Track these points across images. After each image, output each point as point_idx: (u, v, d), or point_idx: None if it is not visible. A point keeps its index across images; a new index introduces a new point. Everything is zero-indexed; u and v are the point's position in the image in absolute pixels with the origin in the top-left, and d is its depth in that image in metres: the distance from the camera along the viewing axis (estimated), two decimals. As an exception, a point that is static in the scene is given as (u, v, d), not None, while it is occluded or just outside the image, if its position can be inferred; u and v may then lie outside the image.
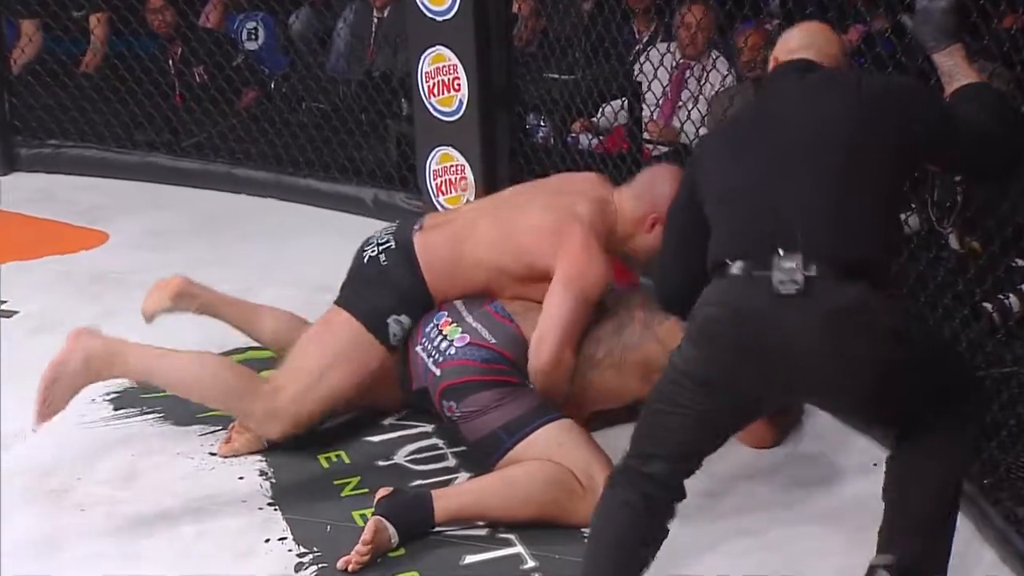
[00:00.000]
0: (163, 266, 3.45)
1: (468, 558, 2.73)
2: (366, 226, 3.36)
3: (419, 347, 3.04)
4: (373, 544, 2.69)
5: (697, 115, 3.84)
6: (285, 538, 2.82)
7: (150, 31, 5.77)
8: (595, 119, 4.57)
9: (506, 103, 4.31)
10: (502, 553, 2.75)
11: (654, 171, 3.21)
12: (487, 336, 2.98)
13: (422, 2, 4.28)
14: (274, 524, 2.87)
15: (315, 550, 2.77)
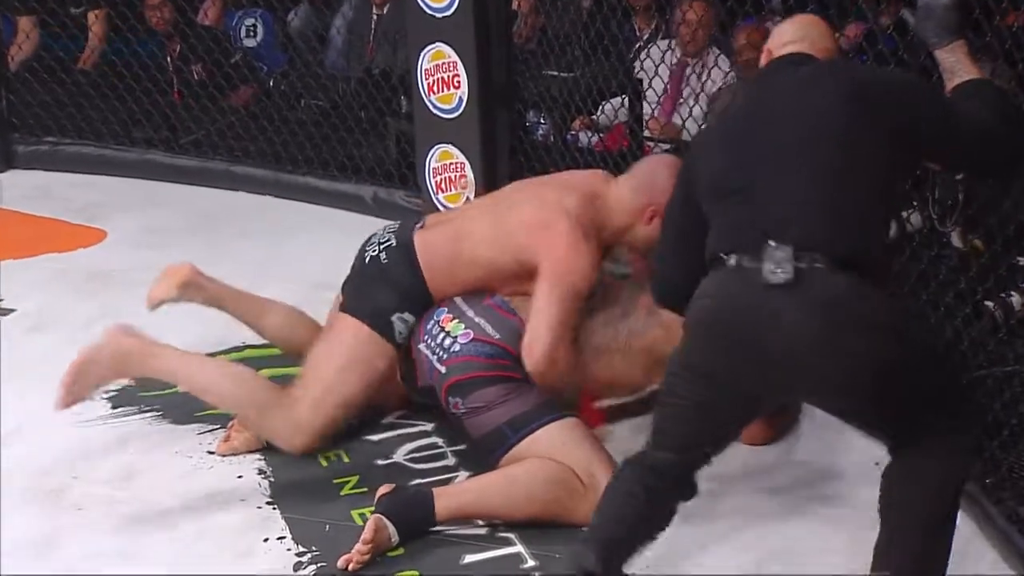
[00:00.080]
0: (161, 264, 3.43)
1: (468, 557, 2.73)
2: (365, 224, 3.35)
3: (422, 344, 3.03)
4: (373, 543, 2.68)
5: (699, 112, 3.83)
6: (284, 537, 2.81)
7: (148, 28, 5.75)
8: (595, 116, 4.56)
9: (506, 100, 4.30)
10: (502, 552, 2.74)
11: (653, 162, 3.17)
12: (491, 331, 2.97)
13: (422, -1, 4.28)
14: (273, 523, 2.87)
15: (314, 549, 2.76)
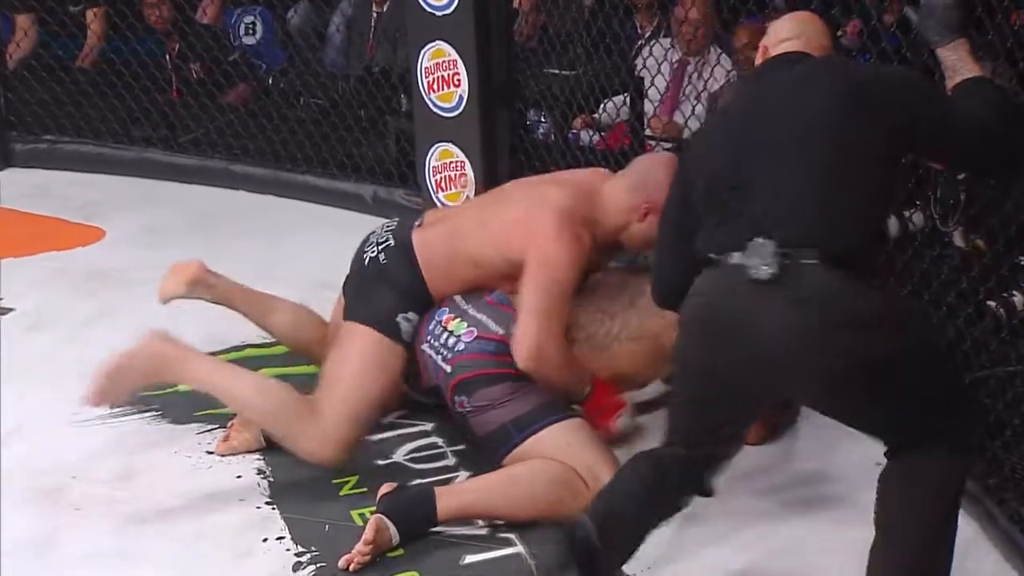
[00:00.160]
0: (160, 263, 3.42)
1: (468, 558, 2.72)
2: (365, 223, 3.34)
3: (425, 345, 3.02)
4: (374, 544, 2.67)
5: (700, 111, 3.82)
6: (283, 537, 2.80)
7: (147, 26, 5.74)
8: (596, 115, 4.55)
9: (506, 99, 4.29)
10: (502, 553, 2.73)
11: (649, 160, 3.15)
12: (494, 327, 2.95)
13: (422, -3, 4.27)
14: (272, 523, 2.86)
15: (313, 549, 2.75)
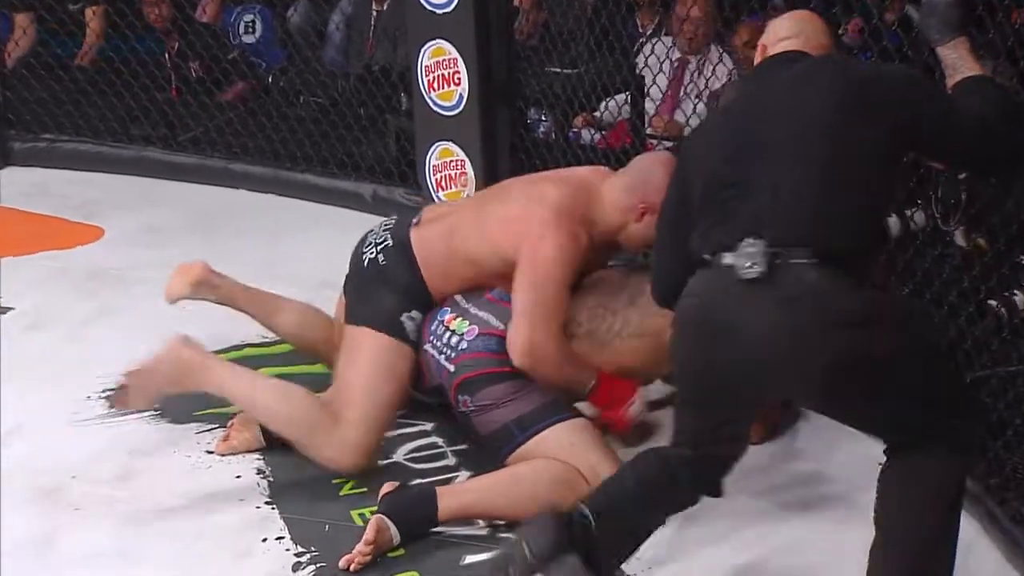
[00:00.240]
0: (159, 262, 3.42)
1: (468, 558, 2.71)
2: (365, 222, 3.33)
3: (428, 345, 3.01)
4: (375, 544, 2.66)
5: (702, 110, 3.81)
6: (283, 537, 2.80)
7: (146, 24, 5.73)
8: (597, 114, 4.54)
9: (507, 97, 4.28)
10: (503, 553, 2.73)
11: (647, 160, 3.12)
12: (495, 323, 2.94)
13: (422, -5, 4.26)
14: (272, 523, 2.85)
15: (313, 550, 2.74)
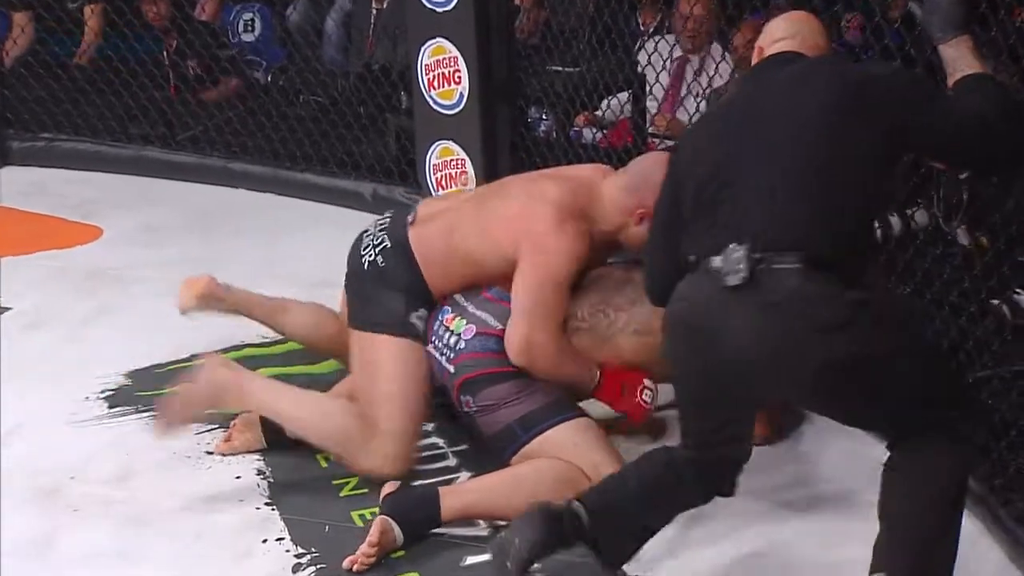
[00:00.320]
0: (158, 262, 3.42)
1: (469, 559, 2.70)
2: (365, 221, 3.31)
3: (430, 345, 3.00)
4: (379, 545, 2.65)
5: (704, 108, 3.79)
6: (283, 538, 2.79)
7: (145, 23, 5.72)
8: (599, 112, 4.52)
9: (507, 96, 4.27)
10: (504, 554, 2.72)
11: (648, 161, 3.06)
12: (493, 322, 2.93)
13: (422, -7, 4.24)
14: (272, 524, 2.84)
15: (313, 551, 2.73)
